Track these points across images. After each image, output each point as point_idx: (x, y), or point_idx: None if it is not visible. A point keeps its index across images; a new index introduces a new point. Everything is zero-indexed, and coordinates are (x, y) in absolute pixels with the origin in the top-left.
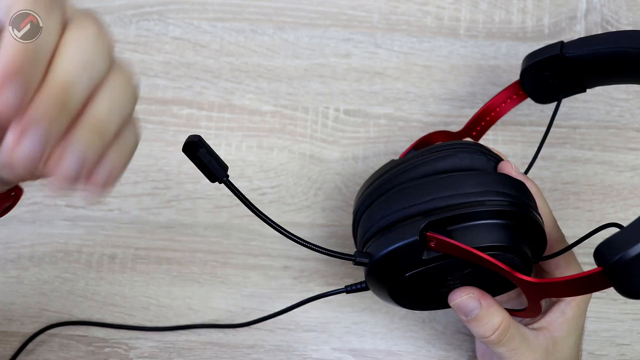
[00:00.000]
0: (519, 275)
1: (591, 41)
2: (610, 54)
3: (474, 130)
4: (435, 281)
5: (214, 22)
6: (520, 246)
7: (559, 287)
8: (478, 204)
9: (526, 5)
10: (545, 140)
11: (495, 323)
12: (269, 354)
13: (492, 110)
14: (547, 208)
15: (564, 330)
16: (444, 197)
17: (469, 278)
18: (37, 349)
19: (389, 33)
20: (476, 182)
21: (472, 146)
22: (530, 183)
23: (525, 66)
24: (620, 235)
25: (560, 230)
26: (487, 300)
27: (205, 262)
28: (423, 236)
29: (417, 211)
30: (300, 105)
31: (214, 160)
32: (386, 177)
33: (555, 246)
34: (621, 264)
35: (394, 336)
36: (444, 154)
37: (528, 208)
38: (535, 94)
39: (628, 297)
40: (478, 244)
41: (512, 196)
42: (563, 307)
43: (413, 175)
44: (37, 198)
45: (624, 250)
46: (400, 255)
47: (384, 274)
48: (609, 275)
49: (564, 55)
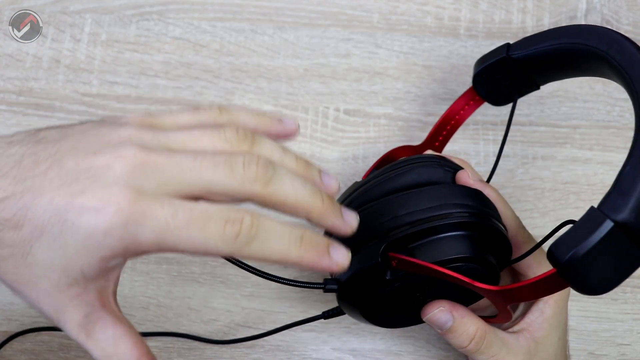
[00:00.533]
0: (478, 284)
1: (535, 40)
2: (553, 51)
3: (436, 141)
4: (405, 298)
5: (214, 22)
6: (483, 255)
7: (519, 291)
8: (435, 219)
9: (526, 5)
10: (505, 140)
11: (471, 332)
12: (269, 354)
13: (451, 118)
14: (510, 211)
15: (545, 330)
16: (401, 216)
17: (438, 291)
18: (36, 349)
19: (389, 33)
20: (431, 196)
21: (429, 160)
22: (489, 190)
23: (476, 71)
24: (568, 234)
25: (526, 231)
26: (460, 311)
27: (205, 262)
28: (385, 257)
29: (377, 232)
30: (300, 105)
31: None
32: (348, 201)
33: (523, 247)
34: (573, 263)
35: (394, 336)
36: (401, 171)
37: (486, 216)
38: (490, 97)
39: (587, 295)
40: (439, 258)
41: (469, 206)
42: (541, 306)
43: (372, 196)
44: None
45: (573, 248)
46: (365, 277)
47: (353, 297)
48: (564, 276)
49: (511, 57)
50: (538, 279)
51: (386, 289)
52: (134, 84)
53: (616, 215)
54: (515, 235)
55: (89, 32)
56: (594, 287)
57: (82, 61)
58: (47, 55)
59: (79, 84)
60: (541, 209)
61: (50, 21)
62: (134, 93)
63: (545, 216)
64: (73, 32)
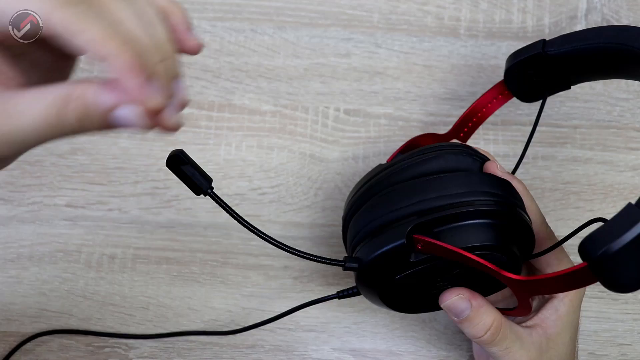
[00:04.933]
0: (505, 273)
1: (573, 38)
2: (591, 50)
3: (461, 132)
4: (425, 283)
5: (214, 21)
6: (508, 245)
7: (545, 283)
8: (464, 205)
9: (527, 5)
10: (531, 138)
11: (487, 323)
12: (269, 354)
13: (478, 111)
14: (535, 206)
15: (558, 327)
16: (429, 199)
17: (459, 279)
18: (36, 349)
19: (389, 33)
20: (461, 182)
21: (457, 147)
22: (516, 182)
23: (509, 65)
24: (603, 229)
25: (549, 227)
26: (478, 300)
27: (205, 262)
28: (410, 239)
29: (404, 214)
30: (300, 105)
31: (197, 173)
32: (373, 182)
33: (545, 244)
34: (605, 258)
35: (395, 336)
36: (430, 156)
37: (514, 207)
38: (520, 93)
39: (615, 291)
40: (465, 245)
41: (498, 195)
42: (556, 304)
43: (399, 179)
44: (37, 198)
45: (608, 243)
46: (389, 258)
47: (373, 278)
48: (594, 270)
49: (546, 54)
50: (567, 272)
51: (408, 272)
52: None
53: None
54: (539, 231)
55: None
56: (623, 284)
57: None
58: None
59: None
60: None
61: None
62: None
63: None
64: None
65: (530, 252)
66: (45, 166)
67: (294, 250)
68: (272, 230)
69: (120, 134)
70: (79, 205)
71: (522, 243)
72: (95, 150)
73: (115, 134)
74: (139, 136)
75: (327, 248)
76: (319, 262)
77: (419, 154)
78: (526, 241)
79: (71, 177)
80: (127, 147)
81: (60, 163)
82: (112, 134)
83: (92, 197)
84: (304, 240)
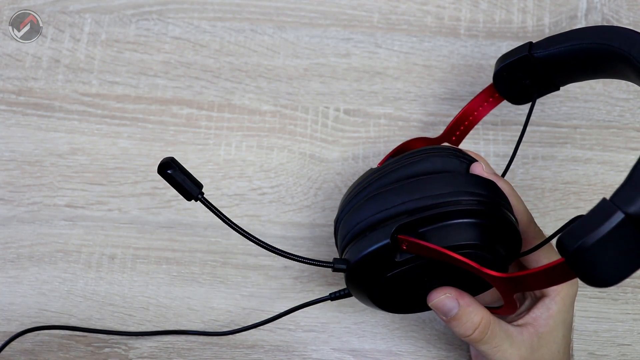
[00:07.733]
0: (486, 270)
1: (558, 40)
2: (575, 52)
3: (453, 135)
4: (414, 283)
5: (214, 21)
6: (492, 244)
7: (526, 280)
8: (447, 204)
9: (527, 5)
10: (521, 140)
11: (475, 321)
12: (269, 354)
13: (469, 114)
14: (523, 206)
15: (549, 326)
16: (413, 200)
17: (447, 278)
18: (36, 349)
19: (389, 33)
20: (446, 183)
21: (445, 150)
22: (502, 182)
23: (497, 69)
24: (578, 225)
25: (537, 226)
26: (465, 299)
27: (205, 262)
28: (395, 239)
29: (389, 215)
30: (300, 105)
31: (187, 179)
32: (362, 186)
33: (533, 243)
34: (581, 252)
35: (395, 336)
36: (417, 159)
37: (498, 206)
38: (510, 96)
39: (594, 286)
40: (449, 244)
41: (482, 195)
42: (548, 302)
43: (386, 182)
44: (37, 198)
45: (582, 238)
46: (375, 259)
47: (361, 278)
48: (571, 265)
49: (533, 56)
50: (545, 268)
51: (394, 272)
52: (133, 83)
53: (628, 207)
54: (526, 230)
55: (88, 32)
56: (600, 278)
57: (82, 61)
58: (47, 55)
59: (79, 84)
60: (542, 209)
61: (49, 21)
62: (133, 93)
63: (545, 216)
64: (73, 31)
65: (518, 251)
66: (45, 166)
67: (284, 253)
68: (272, 230)
69: (120, 134)
70: (79, 205)
71: (507, 242)
72: (95, 151)
73: (114, 134)
74: (139, 136)
75: (327, 248)
76: (308, 263)
77: (407, 157)
78: (512, 240)
79: (71, 177)
80: (126, 147)
81: (60, 163)
82: (111, 134)
83: (92, 197)
84: (304, 241)
